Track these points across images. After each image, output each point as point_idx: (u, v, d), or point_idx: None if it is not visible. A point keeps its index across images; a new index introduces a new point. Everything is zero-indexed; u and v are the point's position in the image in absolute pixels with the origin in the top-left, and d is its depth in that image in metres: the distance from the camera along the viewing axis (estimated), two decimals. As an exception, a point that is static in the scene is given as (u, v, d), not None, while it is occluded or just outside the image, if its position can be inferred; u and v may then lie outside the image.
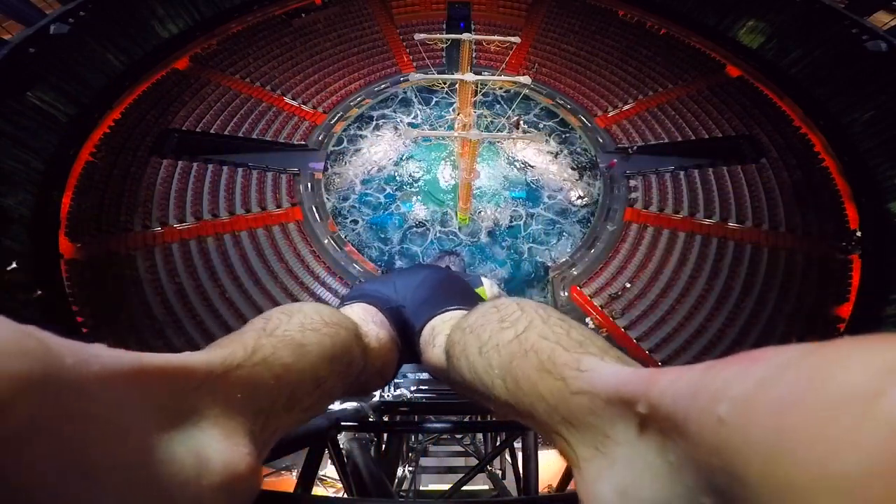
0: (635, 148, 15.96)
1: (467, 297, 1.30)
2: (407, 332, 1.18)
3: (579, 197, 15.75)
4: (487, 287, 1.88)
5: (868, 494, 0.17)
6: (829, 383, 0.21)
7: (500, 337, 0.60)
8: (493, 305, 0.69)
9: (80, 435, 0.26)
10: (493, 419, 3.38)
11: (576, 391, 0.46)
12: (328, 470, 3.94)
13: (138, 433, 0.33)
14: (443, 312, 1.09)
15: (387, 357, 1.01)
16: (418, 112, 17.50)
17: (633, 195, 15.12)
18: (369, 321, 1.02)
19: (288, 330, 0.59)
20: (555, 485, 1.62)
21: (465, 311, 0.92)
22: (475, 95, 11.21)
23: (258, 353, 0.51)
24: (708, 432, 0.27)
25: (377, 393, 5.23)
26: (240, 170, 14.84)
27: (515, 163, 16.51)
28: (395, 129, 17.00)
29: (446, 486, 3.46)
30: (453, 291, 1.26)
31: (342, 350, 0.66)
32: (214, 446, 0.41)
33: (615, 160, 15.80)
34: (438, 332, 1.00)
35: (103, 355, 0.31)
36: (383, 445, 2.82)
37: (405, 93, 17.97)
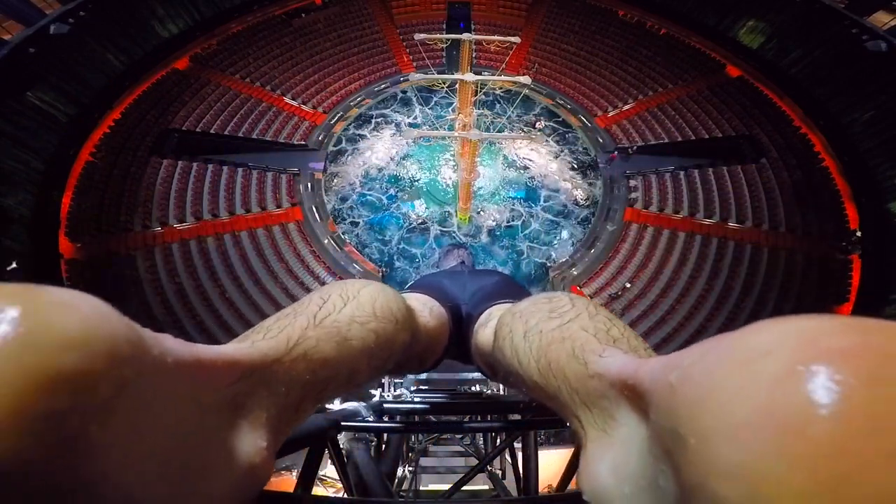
0: (635, 148, 15.96)
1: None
2: (461, 329, 1.22)
3: (578, 200, 15.75)
4: None
5: (753, 438, 0.20)
6: (738, 346, 0.25)
7: (546, 325, 0.63)
8: (546, 297, 0.73)
9: (150, 420, 0.29)
10: (494, 419, 3.38)
11: (592, 374, 0.50)
12: (328, 470, 3.94)
13: (191, 423, 0.35)
14: (502, 303, 1.13)
15: (432, 346, 1.04)
16: (418, 112, 17.49)
17: (633, 195, 15.11)
18: (425, 310, 1.03)
19: (337, 321, 0.59)
20: (555, 485, 1.62)
21: None
22: (475, 95, 11.22)
23: (300, 345, 0.53)
24: (662, 398, 0.30)
25: (377, 393, 5.24)
26: (240, 170, 14.84)
27: (515, 163, 16.51)
28: (396, 129, 17.00)
29: (446, 487, 3.45)
30: (515, 293, 1.30)
31: (384, 345, 0.66)
32: (242, 439, 0.43)
33: (615, 152, 15.84)
34: (493, 316, 1.03)
35: (175, 348, 0.34)
36: (383, 445, 2.82)
37: (405, 93, 17.96)
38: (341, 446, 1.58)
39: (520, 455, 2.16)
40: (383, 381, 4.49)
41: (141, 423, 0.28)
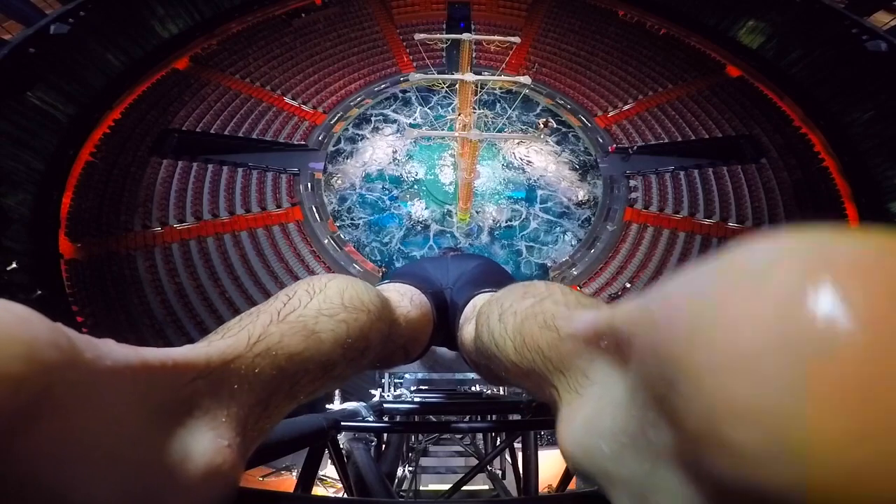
0: (635, 148, 15.97)
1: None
2: (447, 315, 1.20)
3: (578, 200, 15.75)
4: None
5: (769, 368, 0.17)
6: (731, 266, 0.22)
7: (519, 305, 0.64)
8: (522, 284, 0.74)
9: (83, 423, 0.28)
10: (494, 420, 3.38)
11: (564, 337, 0.50)
12: (328, 470, 3.94)
13: (134, 424, 0.34)
14: (486, 292, 1.11)
15: (415, 335, 1.02)
16: (418, 112, 17.49)
17: (633, 195, 15.11)
18: (404, 300, 1.01)
19: (303, 315, 0.58)
20: (555, 485, 1.63)
21: None
22: (475, 95, 11.21)
23: (262, 342, 0.51)
24: (647, 338, 0.27)
25: (377, 393, 5.24)
26: (240, 170, 14.84)
27: (515, 163, 16.51)
28: (396, 129, 17.00)
29: (446, 487, 3.45)
30: (499, 279, 1.29)
31: (358, 336, 0.63)
32: (199, 439, 0.41)
33: (615, 146, 15.86)
34: (476, 308, 1.02)
35: (114, 351, 0.33)
36: (383, 446, 2.82)
37: (405, 93, 17.96)
38: (341, 446, 1.58)
39: (520, 455, 2.16)
40: (383, 381, 4.50)
41: (75, 429, 0.27)
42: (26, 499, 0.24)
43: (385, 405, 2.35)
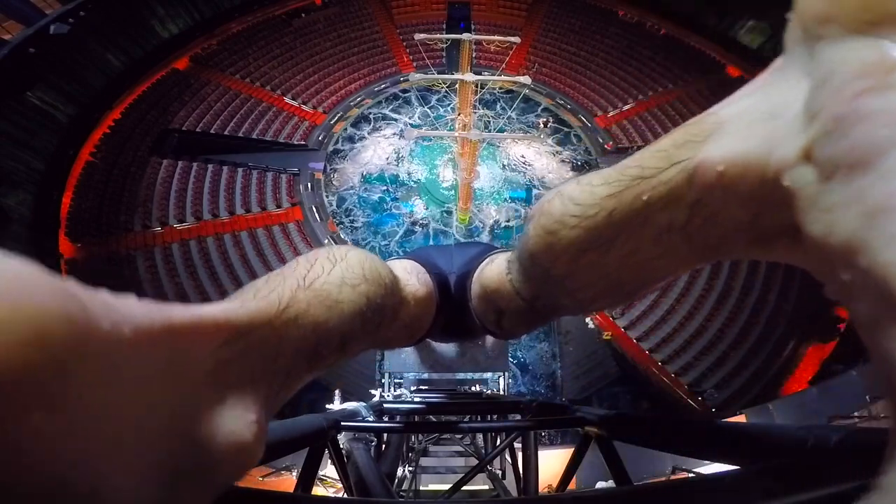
0: (636, 149, 15.92)
1: None
2: (450, 300, 1.18)
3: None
4: None
5: None
6: None
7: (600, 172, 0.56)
8: None
9: (96, 410, 0.25)
10: (493, 420, 3.38)
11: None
12: (328, 470, 3.94)
13: (162, 396, 0.31)
14: (494, 254, 1.09)
15: (420, 314, 0.99)
16: (418, 112, 17.49)
17: (633, 195, 15.10)
18: (412, 277, 0.98)
19: (327, 283, 0.56)
20: (555, 485, 1.63)
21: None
22: (475, 95, 11.22)
23: (290, 308, 0.49)
24: None
25: (377, 393, 5.24)
26: (240, 170, 14.85)
27: (515, 163, 16.51)
28: (396, 129, 17.00)
29: (446, 487, 3.45)
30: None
31: (375, 309, 0.62)
32: (226, 412, 0.39)
33: (611, 143, 15.84)
34: (494, 260, 0.98)
35: (135, 315, 0.28)
36: (383, 445, 2.82)
37: (405, 93, 17.96)
38: (341, 446, 1.58)
39: (520, 455, 2.16)
40: (383, 381, 4.50)
41: (99, 407, 0.24)
42: (61, 492, 0.21)
43: (385, 405, 2.35)
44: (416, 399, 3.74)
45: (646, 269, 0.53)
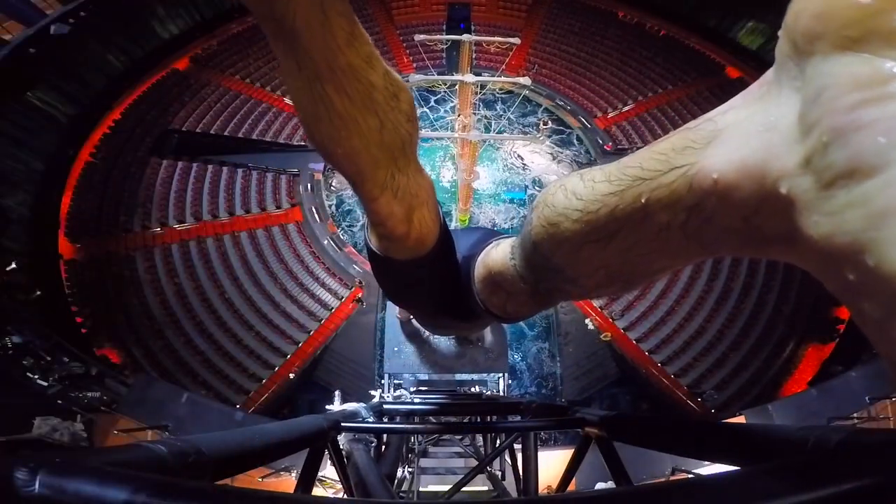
0: (636, 150, 15.96)
1: None
2: (452, 281, 1.17)
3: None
4: None
5: None
6: None
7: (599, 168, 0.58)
8: None
9: None
10: (493, 420, 3.38)
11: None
12: (328, 471, 3.94)
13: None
14: (498, 239, 1.10)
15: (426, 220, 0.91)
16: (418, 112, 17.48)
17: (633, 196, 15.11)
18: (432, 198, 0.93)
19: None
20: (554, 485, 1.63)
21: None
22: (475, 96, 11.22)
23: None
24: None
25: (377, 394, 5.23)
26: (239, 170, 14.84)
27: (514, 163, 16.53)
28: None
29: (446, 487, 3.45)
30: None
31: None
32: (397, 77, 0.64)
33: (611, 144, 15.82)
34: (498, 245, 0.99)
35: None
36: (383, 446, 2.82)
37: (405, 93, 17.94)
38: (341, 447, 1.58)
39: (519, 456, 2.16)
40: (383, 381, 4.49)
41: None
42: None
43: (385, 406, 2.35)
44: (416, 400, 3.74)
45: (645, 262, 0.54)
